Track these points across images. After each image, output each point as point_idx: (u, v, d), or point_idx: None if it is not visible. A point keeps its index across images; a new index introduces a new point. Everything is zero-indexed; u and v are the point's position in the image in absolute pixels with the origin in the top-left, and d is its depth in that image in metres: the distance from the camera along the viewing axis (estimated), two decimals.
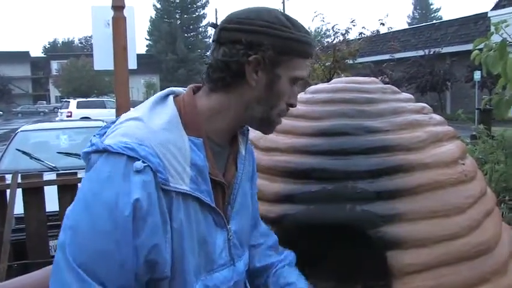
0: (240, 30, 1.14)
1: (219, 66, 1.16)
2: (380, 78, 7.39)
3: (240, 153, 1.30)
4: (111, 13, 3.98)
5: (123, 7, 3.94)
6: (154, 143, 1.06)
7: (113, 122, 1.17)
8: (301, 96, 2.09)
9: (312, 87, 2.13)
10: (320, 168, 1.71)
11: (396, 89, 2.07)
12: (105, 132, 1.13)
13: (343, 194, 1.68)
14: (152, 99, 1.19)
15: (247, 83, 1.16)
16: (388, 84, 2.15)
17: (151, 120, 1.11)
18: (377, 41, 25.77)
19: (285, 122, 1.93)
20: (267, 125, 1.25)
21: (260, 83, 1.17)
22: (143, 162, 1.03)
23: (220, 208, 1.20)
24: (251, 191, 1.39)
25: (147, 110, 1.15)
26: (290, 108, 1.27)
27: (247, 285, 1.39)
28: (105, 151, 1.05)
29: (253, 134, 2.05)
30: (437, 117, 2.01)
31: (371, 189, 1.67)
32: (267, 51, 1.13)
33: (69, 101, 24.90)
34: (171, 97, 1.20)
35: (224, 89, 1.18)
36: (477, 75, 20.14)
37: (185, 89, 1.26)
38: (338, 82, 2.11)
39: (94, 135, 1.14)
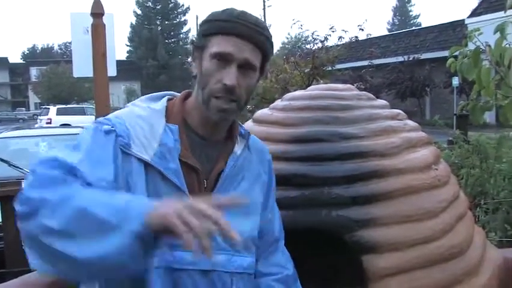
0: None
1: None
2: (355, 85, 7.46)
3: (234, 152, 1.37)
4: (90, 20, 3.96)
5: (102, 14, 3.93)
6: (126, 117, 1.29)
7: None
8: (277, 103, 2.12)
9: (289, 94, 2.16)
10: (297, 174, 1.74)
11: (371, 95, 2.11)
12: None
13: (319, 199, 1.70)
14: (147, 95, 1.40)
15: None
16: (367, 90, 2.19)
17: (135, 107, 1.34)
18: (357, 47, 26.01)
19: (262, 129, 1.96)
20: (205, 108, 1.30)
21: (198, 70, 1.32)
22: (112, 127, 1.25)
23: (195, 193, 1.25)
24: (260, 199, 1.43)
25: (137, 100, 1.39)
26: (267, 116, 1.36)
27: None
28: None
29: None
30: (412, 123, 2.05)
31: (346, 194, 1.70)
32: (195, 40, 1.33)
33: (49, 108, 24.63)
34: (165, 98, 1.38)
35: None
36: (455, 80, 20.46)
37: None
38: (315, 89, 2.14)
39: None
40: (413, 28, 40.70)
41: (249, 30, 1.26)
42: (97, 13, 3.90)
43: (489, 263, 1.89)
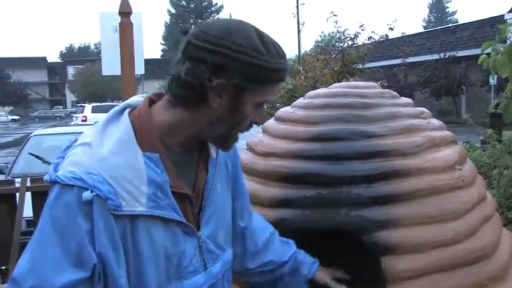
0: (207, 49, 1.07)
1: (181, 83, 1.11)
2: (379, 82, 7.29)
3: (211, 157, 1.28)
4: (118, 19, 4.01)
5: (130, 13, 3.97)
6: (102, 169, 1.05)
7: (72, 145, 1.16)
8: (300, 101, 2.10)
9: (312, 92, 2.13)
10: (315, 173, 1.71)
11: (394, 93, 2.06)
12: (65, 156, 1.13)
13: (338, 199, 1.67)
14: (106, 116, 1.16)
15: (209, 103, 1.12)
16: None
17: (100, 144, 1.09)
18: (390, 46, 25.62)
19: (283, 127, 1.94)
20: (223, 143, 1.23)
21: (223, 106, 1.12)
22: (92, 191, 1.03)
23: (190, 218, 1.19)
24: (230, 191, 1.39)
25: (98, 132, 1.12)
26: (288, 114, 1.29)
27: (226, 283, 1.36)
28: (56, 182, 1.07)
29: (252, 138, 2.05)
30: (436, 121, 1.99)
31: (365, 194, 1.66)
32: (233, 78, 1.08)
33: (84, 106, 25.13)
34: (126, 112, 1.17)
35: (184, 106, 1.14)
36: (493, 79, 19.92)
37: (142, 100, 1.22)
38: (337, 87, 2.11)
39: (57, 159, 1.14)
40: (449, 25, 39.81)
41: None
42: (125, 12, 3.94)
43: None
